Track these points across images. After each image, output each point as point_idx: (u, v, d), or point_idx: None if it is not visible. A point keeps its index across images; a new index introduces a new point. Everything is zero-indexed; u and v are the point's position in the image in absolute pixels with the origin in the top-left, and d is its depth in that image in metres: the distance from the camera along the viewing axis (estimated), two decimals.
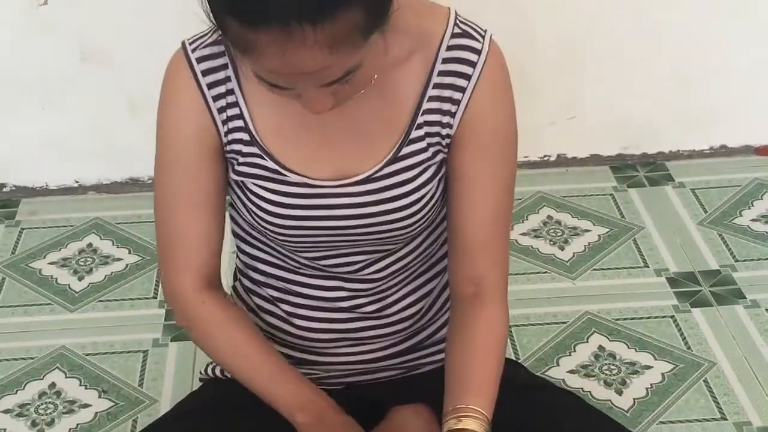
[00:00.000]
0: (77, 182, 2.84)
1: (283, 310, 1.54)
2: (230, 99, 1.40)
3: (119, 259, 2.60)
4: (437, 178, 1.42)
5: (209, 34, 1.40)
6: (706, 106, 2.84)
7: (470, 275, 1.46)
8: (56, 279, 2.54)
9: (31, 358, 2.29)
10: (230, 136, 1.41)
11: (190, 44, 1.41)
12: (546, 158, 2.88)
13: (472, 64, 1.38)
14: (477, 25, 1.41)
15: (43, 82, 2.69)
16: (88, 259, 2.60)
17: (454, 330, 1.46)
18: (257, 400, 1.46)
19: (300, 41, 1.15)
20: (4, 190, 2.83)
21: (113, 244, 2.65)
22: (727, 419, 2.09)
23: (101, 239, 2.67)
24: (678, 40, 2.75)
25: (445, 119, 1.40)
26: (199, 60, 1.40)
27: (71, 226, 2.72)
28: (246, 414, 1.48)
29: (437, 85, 1.39)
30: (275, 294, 1.54)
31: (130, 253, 2.62)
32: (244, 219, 1.49)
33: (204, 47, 1.40)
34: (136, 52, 2.59)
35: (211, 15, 1.21)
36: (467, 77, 1.38)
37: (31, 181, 2.83)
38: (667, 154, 2.91)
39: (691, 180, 2.82)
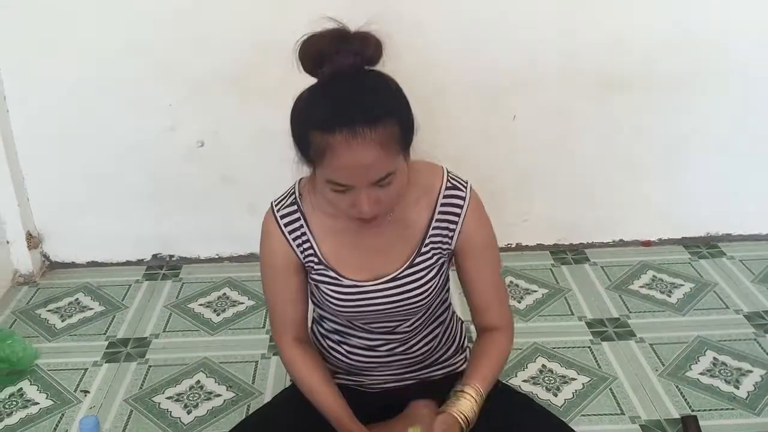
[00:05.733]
0: (217, 255, 2.83)
1: (343, 349, 1.51)
2: (304, 237, 1.39)
3: (242, 303, 2.59)
4: (438, 275, 1.41)
5: (285, 197, 1.41)
6: (611, 215, 2.82)
7: (487, 324, 1.47)
8: (202, 314, 2.53)
9: (185, 365, 2.28)
10: (306, 259, 1.40)
11: (275, 204, 1.41)
12: (509, 245, 2.85)
13: (460, 206, 1.38)
14: (461, 179, 1.41)
15: (198, 193, 2.71)
16: (224, 302, 2.59)
17: (478, 348, 1.46)
18: None
19: (362, 137, 1.15)
20: (173, 258, 2.83)
21: (239, 293, 2.64)
22: (624, 414, 2.04)
23: (231, 290, 2.66)
24: (591, 174, 2.74)
25: (445, 240, 1.39)
26: (281, 213, 1.39)
27: (213, 282, 2.72)
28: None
29: (438, 220, 1.38)
30: (338, 338, 1.52)
31: (249, 299, 2.60)
32: (318, 301, 1.48)
33: (284, 206, 1.40)
34: (253, 175, 2.62)
35: (296, 138, 1.21)
36: (458, 215, 1.38)
37: (188, 253, 2.83)
38: (586, 244, 2.87)
39: (601, 260, 2.78)
